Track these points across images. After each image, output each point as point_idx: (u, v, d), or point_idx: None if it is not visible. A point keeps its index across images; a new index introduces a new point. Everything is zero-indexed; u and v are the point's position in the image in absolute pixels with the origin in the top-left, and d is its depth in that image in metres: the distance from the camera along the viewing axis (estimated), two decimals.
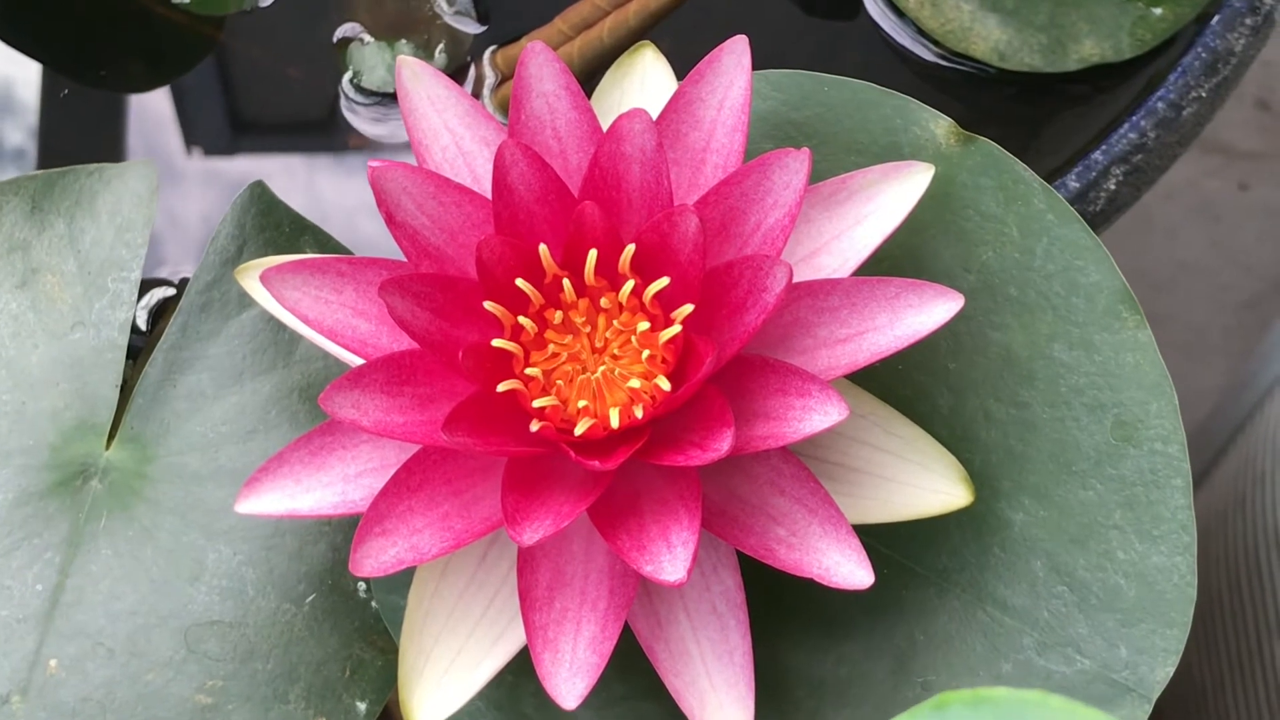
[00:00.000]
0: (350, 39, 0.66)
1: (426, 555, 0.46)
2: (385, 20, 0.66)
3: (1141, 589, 0.49)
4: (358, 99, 0.65)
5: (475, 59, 0.66)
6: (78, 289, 0.56)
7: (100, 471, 0.54)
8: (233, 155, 0.67)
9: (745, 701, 0.47)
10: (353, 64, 0.65)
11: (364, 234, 0.64)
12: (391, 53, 0.65)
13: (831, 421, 0.44)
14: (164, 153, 0.66)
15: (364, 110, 0.65)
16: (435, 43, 0.65)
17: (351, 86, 0.65)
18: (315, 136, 0.67)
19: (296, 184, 0.65)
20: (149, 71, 0.68)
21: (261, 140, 0.67)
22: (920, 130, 0.52)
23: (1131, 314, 0.50)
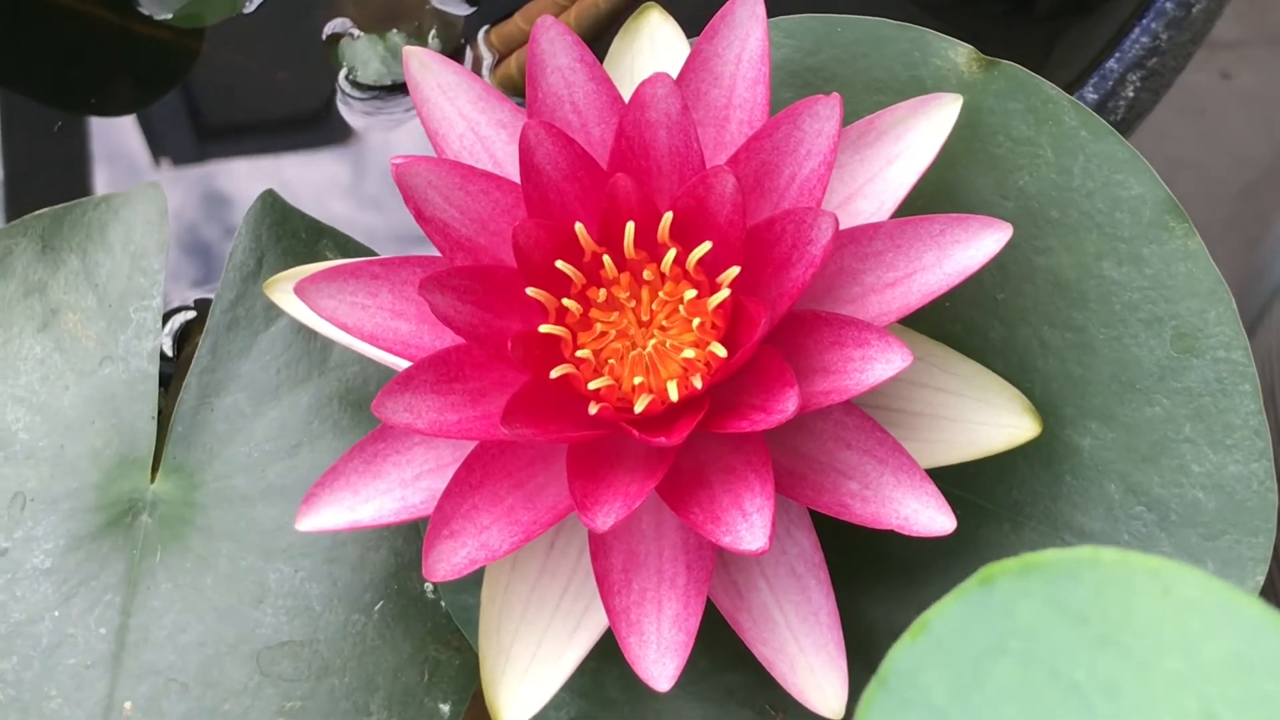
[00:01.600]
0: (340, 35, 0.65)
1: (498, 552, 0.45)
2: (373, 12, 0.65)
3: (1221, 500, 0.49)
4: (354, 94, 0.64)
5: (469, 41, 0.64)
6: (101, 323, 0.55)
7: (149, 505, 0.53)
8: (229, 165, 0.66)
9: (837, 661, 0.46)
10: (345, 60, 0.64)
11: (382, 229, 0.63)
12: (384, 45, 0.64)
13: (895, 369, 0.43)
14: (161, 174, 0.65)
15: (360, 105, 0.64)
16: (427, 29, 0.64)
17: (348, 83, 0.64)
18: (310, 136, 0.65)
19: (298, 186, 0.64)
20: (136, 92, 0.67)
21: (257, 147, 0.66)
22: (940, 61, 0.51)
23: (1179, 223, 0.49)
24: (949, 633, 0.33)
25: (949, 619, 0.33)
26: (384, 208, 0.64)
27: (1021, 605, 0.33)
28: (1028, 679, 0.33)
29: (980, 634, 0.33)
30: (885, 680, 0.34)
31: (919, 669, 0.33)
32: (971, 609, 0.33)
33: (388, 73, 0.64)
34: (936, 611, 0.33)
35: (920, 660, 0.33)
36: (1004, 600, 0.33)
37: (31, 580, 0.53)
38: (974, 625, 0.33)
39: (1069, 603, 0.33)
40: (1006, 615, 0.33)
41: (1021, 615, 0.33)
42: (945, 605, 0.33)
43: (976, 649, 0.33)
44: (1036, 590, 0.33)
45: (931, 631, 0.33)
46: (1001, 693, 0.33)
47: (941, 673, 0.33)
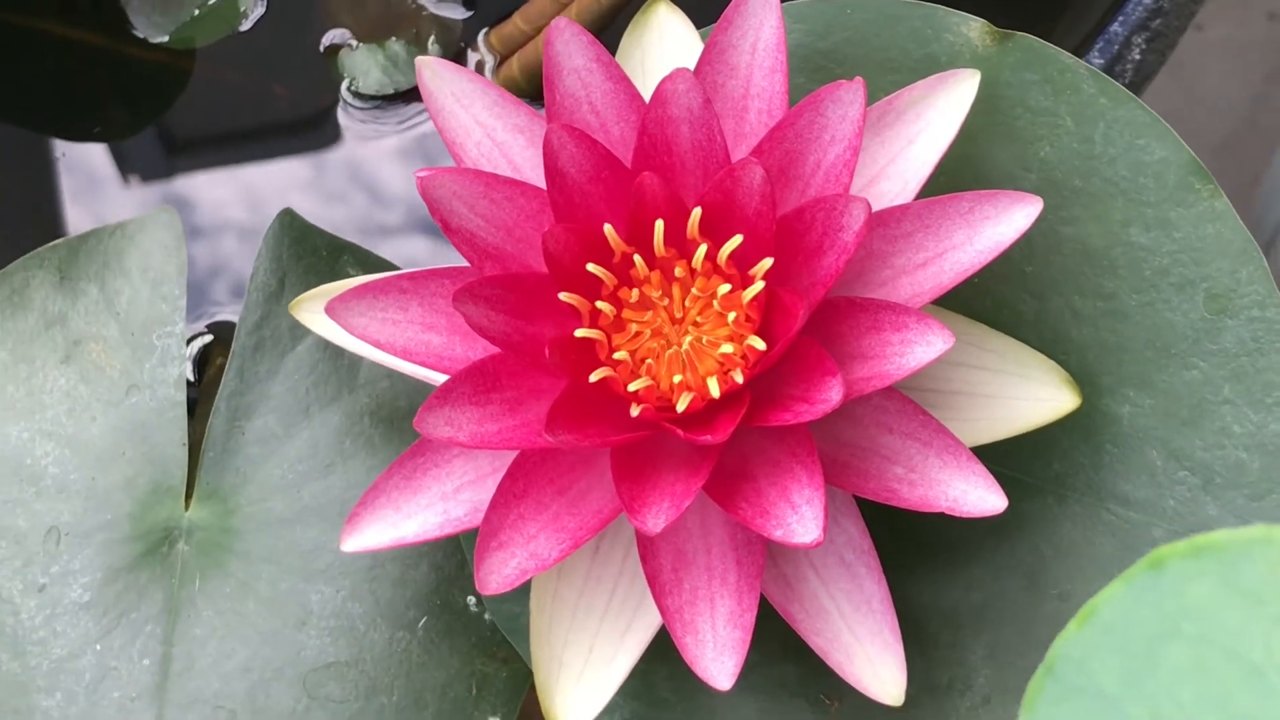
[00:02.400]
0: (339, 46, 0.64)
1: (547, 561, 0.44)
2: (370, 22, 0.64)
3: (1265, 459, 0.48)
4: (357, 105, 0.64)
5: (469, 44, 0.64)
6: (125, 352, 0.54)
7: (185, 533, 0.53)
8: (234, 186, 0.65)
9: (894, 647, 0.46)
10: (346, 71, 0.64)
11: None
12: (384, 53, 0.63)
13: (936, 351, 0.43)
14: (168, 200, 0.65)
15: (364, 114, 0.64)
16: (425, 36, 0.64)
17: (350, 93, 0.63)
18: (315, 149, 0.65)
19: (307, 202, 0.64)
20: (134, 116, 0.66)
21: (261, 164, 0.66)
22: (953, 36, 0.51)
23: (1204, 184, 0.49)
24: (1118, 618, 0.33)
25: (1117, 604, 0.33)
26: (401, 217, 0.63)
27: (1193, 587, 0.33)
28: (1203, 661, 0.33)
29: (1151, 618, 0.33)
30: (1052, 668, 0.33)
31: (1088, 656, 0.33)
32: (1140, 593, 0.33)
33: (389, 81, 0.63)
34: (1104, 598, 0.33)
35: (1089, 647, 0.33)
36: (1174, 582, 0.33)
37: (71, 615, 0.52)
38: (1144, 609, 0.33)
39: (1243, 582, 0.33)
40: (1177, 597, 0.33)
41: (1193, 597, 0.33)
42: (1112, 591, 0.33)
43: (1147, 633, 0.33)
44: (1208, 571, 0.33)
45: (1099, 617, 0.33)
46: (1176, 676, 0.33)
47: (1112, 658, 0.33)
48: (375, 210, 0.63)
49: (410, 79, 0.63)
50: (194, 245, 0.63)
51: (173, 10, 0.65)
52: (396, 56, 0.63)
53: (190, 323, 0.61)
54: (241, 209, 0.64)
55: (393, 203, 0.63)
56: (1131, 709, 0.33)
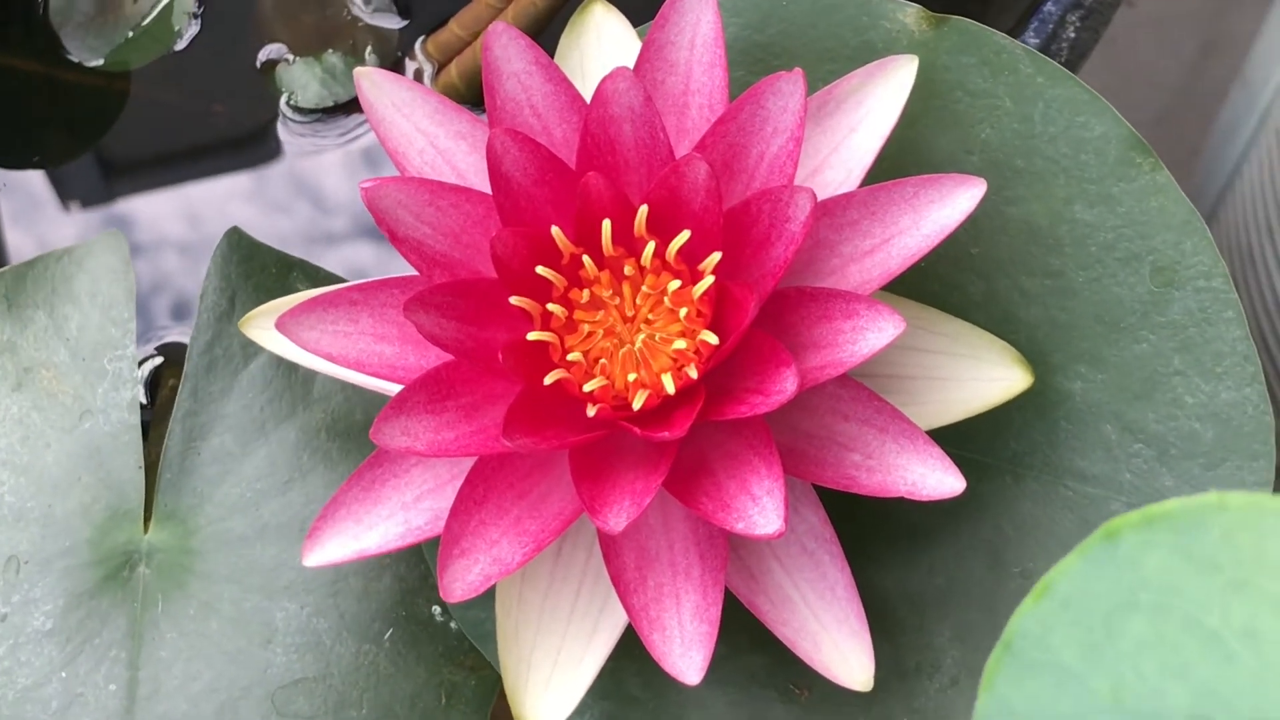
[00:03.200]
0: (276, 61, 0.64)
1: (511, 565, 0.44)
2: (305, 35, 0.64)
3: (1218, 428, 0.49)
4: (296, 119, 0.63)
5: (406, 53, 0.64)
6: (76, 378, 0.54)
7: (145, 556, 0.53)
8: (177, 205, 0.65)
9: (860, 634, 0.46)
10: (283, 85, 0.63)
11: None
12: (321, 66, 0.63)
13: (888, 337, 0.43)
14: (111, 223, 0.64)
15: (304, 128, 0.63)
16: (362, 46, 0.64)
17: (289, 108, 0.63)
18: (256, 165, 0.65)
19: (251, 219, 0.63)
20: (71, 141, 0.66)
21: (203, 183, 0.65)
22: (890, 23, 0.51)
23: (1145, 158, 0.49)
24: (1074, 592, 0.33)
25: (1073, 578, 0.33)
26: (346, 229, 0.63)
27: (1148, 557, 0.33)
28: (1162, 631, 0.33)
29: (1107, 590, 0.33)
30: (1010, 645, 0.33)
31: (1046, 631, 0.33)
32: (1096, 565, 0.33)
33: (328, 94, 0.63)
34: (1060, 571, 0.33)
35: (1047, 622, 0.33)
36: (1130, 553, 0.33)
37: (35, 643, 0.52)
38: (1100, 582, 0.33)
39: (1198, 550, 0.33)
40: (1134, 569, 0.33)
41: (1149, 567, 0.33)
42: (1067, 565, 0.33)
43: (1105, 605, 0.33)
44: (1163, 541, 0.33)
45: (1056, 592, 0.33)
46: (1136, 647, 0.33)
47: (1070, 632, 0.33)
48: (321, 223, 0.63)
49: (349, 90, 0.63)
50: (139, 267, 0.63)
51: (107, 33, 0.64)
52: (334, 69, 0.63)
53: (139, 346, 0.61)
54: (185, 229, 0.64)
55: (337, 214, 0.63)
56: (1093, 682, 0.33)
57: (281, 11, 0.64)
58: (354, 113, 0.64)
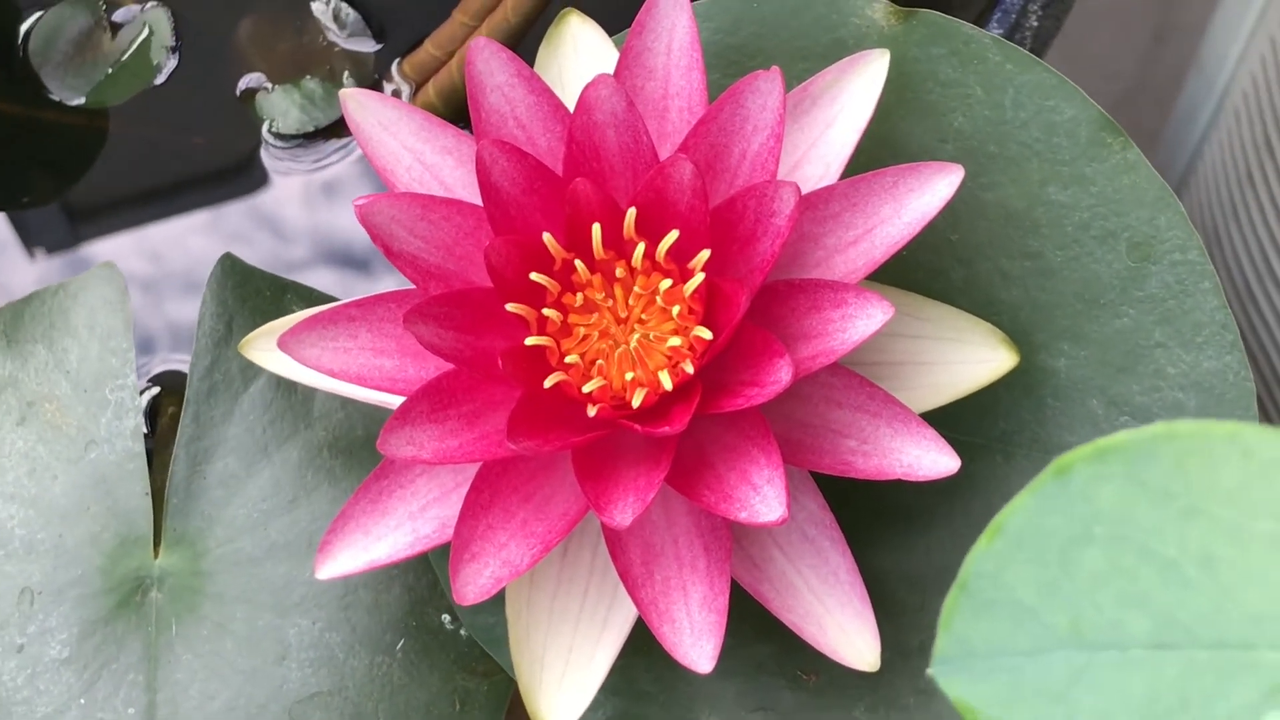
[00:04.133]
0: (255, 90, 0.65)
1: (520, 567, 0.45)
2: (283, 63, 0.65)
3: (1201, 397, 0.50)
4: (278, 145, 0.64)
5: (383, 75, 0.65)
6: (79, 409, 0.55)
7: (156, 581, 0.54)
8: (165, 237, 0.66)
9: (864, 615, 0.47)
10: (264, 113, 0.64)
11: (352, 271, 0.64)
12: (300, 93, 0.64)
13: (877, 323, 0.44)
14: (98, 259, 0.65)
15: (287, 154, 0.64)
16: (339, 71, 0.65)
17: (271, 135, 0.64)
18: (241, 193, 0.66)
19: (242, 244, 0.64)
20: (55, 180, 0.67)
21: (192, 213, 0.66)
22: (859, 20, 0.52)
23: (1115, 138, 0.51)
24: (1027, 528, 0.33)
25: (1026, 515, 0.33)
26: (336, 250, 0.64)
27: (1101, 490, 0.33)
28: (1118, 562, 0.33)
29: (1061, 525, 0.33)
30: (966, 585, 0.33)
31: (1001, 569, 0.33)
32: (1048, 501, 0.33)
33: (308, 119, 0.64)
34: (1012, 510, 0.33)
35: (1000, 561, 0.33)
36: (1082, 487, 0.33)
37: (52, 672, 0.53)
38: (1053, 517, 0.33)
39: (1150, 480, 0.33)
40: (1086, 501, 0.33)
41: (1103, 499, 0.33)
42: (1020, 502, 0.33)
43: (1059, 540, 0.33)
44: (1115, 473, 0.33)
45: (1007, 531, 0.33)
46: (1092, 579, 0.33)
47: (1025, 569, 0.33)
48: (310, 245, 0.64)
49: (329, 115, 0.64)
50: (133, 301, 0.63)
51: (86, 71, 0.65)
52: (313, 94, 0.64)
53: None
54: (173, 261, 0.64)
55: (327, 236, 0.64)
56: (1051, 617, 0.33)
57: (257, 41, 0.65)
58: (334, 137, 0.65)
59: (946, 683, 0.33)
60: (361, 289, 0.63)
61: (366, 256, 0.64)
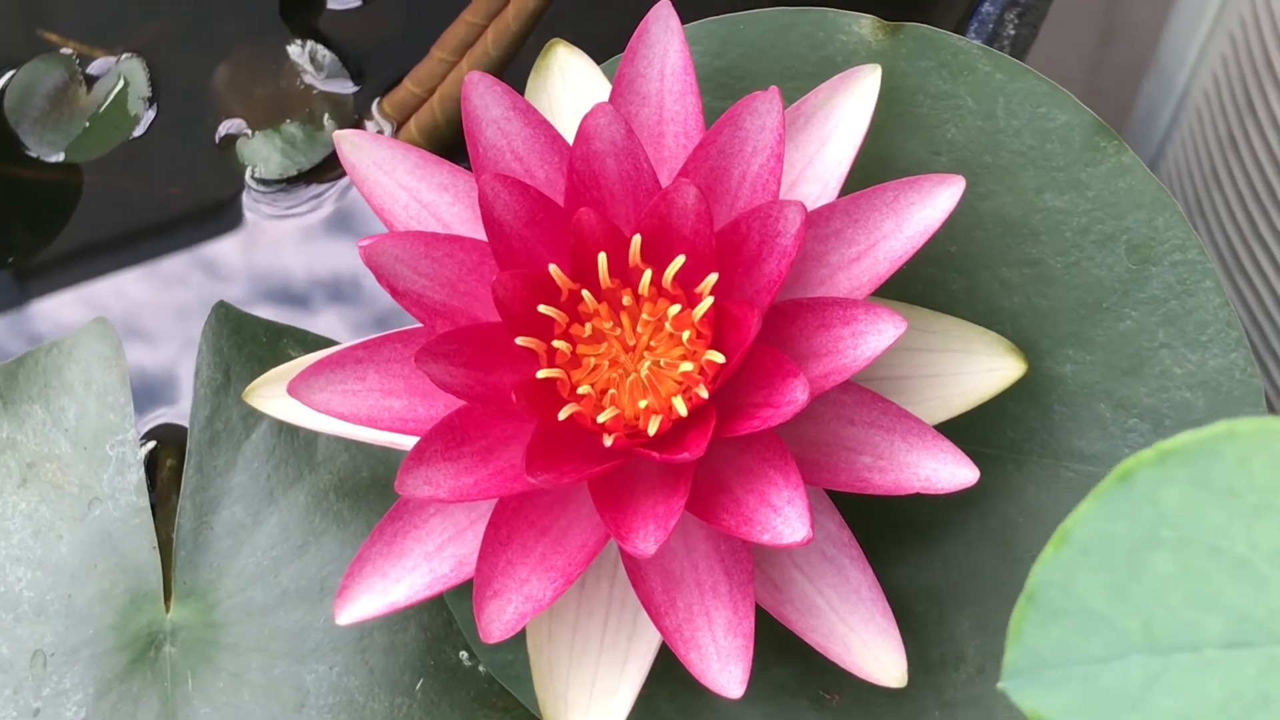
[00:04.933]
0: (235, 136, 0.65)
1: (543, 601, 0.45)
2: (262, 108, 0.65)
3: (1209, 396, 0.50)
4: (261, 190, 0.64)
5: (364, 116, 0.65)
6: (80, 467, 0.54)
7: (169, 635, 0.53)
8: (152, 290, 0.65)
9: (888, 631, 0.47)
10: (245, 160, 0.64)
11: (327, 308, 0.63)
12: (280, 137, 0.64)
13: (889, 338, 0.44)
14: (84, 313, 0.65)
15: (270, 199, 0.64)
16: (319, 114, 0.64)
17: (254, 181, 0.64)
18: (225, 239, 0.65)
19: (233, 292, 0.64)
20: (35, 238, 0.66)
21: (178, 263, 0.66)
22: (846, 36, 0.52)
23: (1109, 141, 0.51)
24: (1094, 536, 0.33)
25: (1091, 522, 0.33)
26: (328, 293, 0.64)
27: (1166, 493, 0.33)
28: (1188, 563, 0.33)
29: (1127, 530, 0.33)
30: (1034, 596, 0.33)
31: (1069, 578, 0.33)
32: (1113, 507, 0.33)
33: (291, 164, 0.64)
34: (1077, 518, 0.33)
35: (1068, 569, 0.33)
36: (1146, 492, 0.33)
37: None
38: (1119, 523, 0.33)
39: (1214, 480, 0.33)
40: (1152, 505, 0.33)
41: (1168, 503, 0.33)
42: (1085, 510, 0.33)
43: (1126, 545, 0.33)
44: (1178, 475, 0.33)
45: (1074, 539, 0.33)
46: (1163, 582, 0.33)
47: (1094, 576, 0.33)
48: (302, 289, 0.64)
49: (311, 157, 0.64)
50: None
51: (64, 126, 0.65)
52: (294, 138, 0.64)
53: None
54: (160, 314, 0.64)
55: (317, 278, 0.64)
56: (1122, 622, 0.33)
57: (235, 87, 0.65)
58: (316, 181, 0.64)
59: (1019, 695, 0.33)
60: (357, 329, 0.63)
61: (360, 296, 0.63)
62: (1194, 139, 0.86)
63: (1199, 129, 0.85)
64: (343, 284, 0.64)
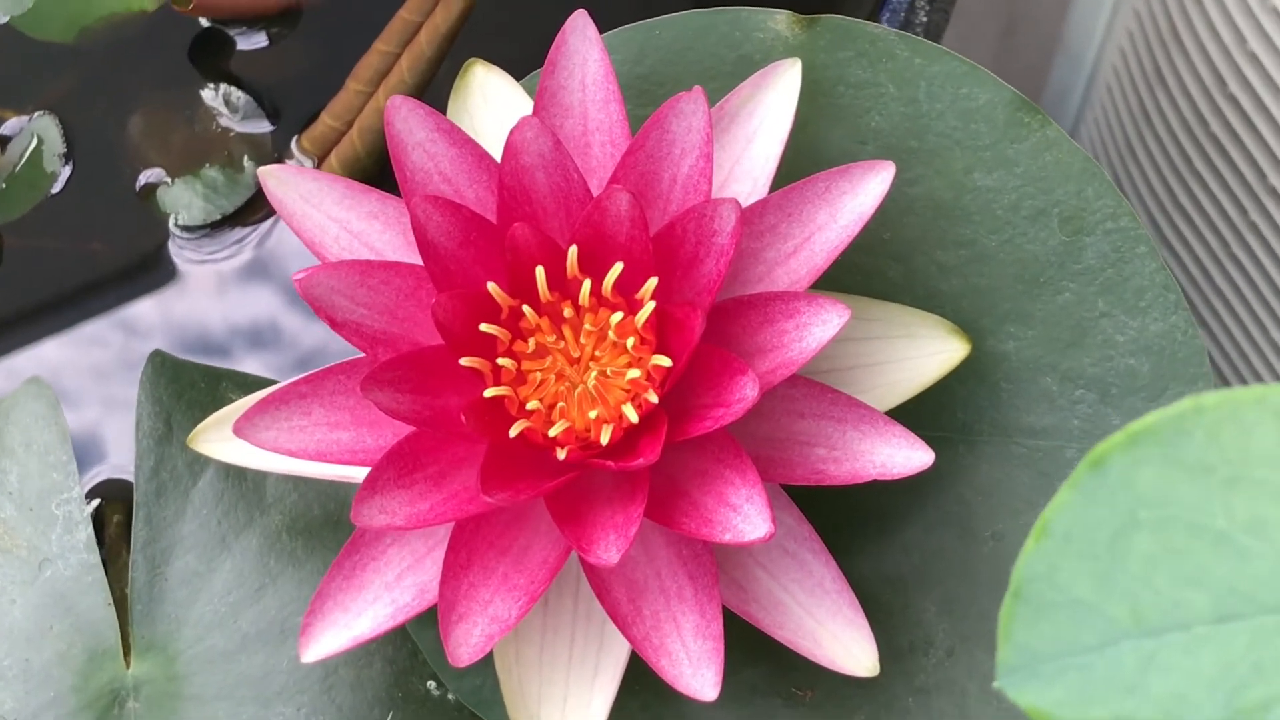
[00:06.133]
0: (155, 185, 0.64)
1: (509, 621, 0.45)
2: (179, 154, 0.64)
3: (1153, 360, 0.50)
4: (186, 237, 0.63)
5: (283, 154, 0.64)
6: (27, 529, 0.53)
7: (132, 691, 0.53)
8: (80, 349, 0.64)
9: (856, 622, 0.47)
10: (167, 208, 0.63)
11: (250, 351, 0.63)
12: (200, 183, 0.63)
13: (834, 328, 0.44)
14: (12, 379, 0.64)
15: (195, 245, 0.63)
16: (238, 155, 0.64)
17: (178, 229, 0.63)
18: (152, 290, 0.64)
19: (165, 343, 0.63)
20: None
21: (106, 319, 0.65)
22: (762, 34, 0.52)
23: (1032, 116, 0.51)
24: (1073, 525, 0.33)
25: (1069, 512, 0.33)
26: (256, 335, 0.63)
27: (1140, 474, 0.33)
28: (1169, 542, 0.33)
29: (1105, 516, 0.33)
30: (1020, 592, 0.33)
31: (1053, 570, 0.33)
32: (1089, 494, 0.33)
33: (213, 208, 0.63)
34: (1054, 509, 0.33)
35: (1051, 561, 0.33)
36: (1120, 475, 0.33)
37: None
38: (1096, 509, 0.33)
39: (1186, 457, 0.33)
40: (1127, 489, 0.33)
41: (1143, 484, 0.33)
42: (1060, 500, 0.33)
43: (1106, 531, 0.33)
44: (1150, 455, 0.33)
45: (1054, 530, 0.33)
46: (1146, 564, 0.33)
47: (1078, 565, 0.33)
48: (234, 332, 0.63)
49: (234, 200, 0.63)
50: None
51: None
52: (215, 182, 0.63)
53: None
54: (92, 370, 0.63)
55: (250, 320, 0.63)
56: (1111, 609, 0.33)
57: (151, 136, 0.65)
58: (240, 224, 0.64)
59: (1016, 693, 0.33)
60: (294, 368, 0.63)
61: (295, 336, 0.63)
62: (1107, 115, 0.87)
63: (1111, 105, 0.86)
64: (278, 322, 0.63)
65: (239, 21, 0.66)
